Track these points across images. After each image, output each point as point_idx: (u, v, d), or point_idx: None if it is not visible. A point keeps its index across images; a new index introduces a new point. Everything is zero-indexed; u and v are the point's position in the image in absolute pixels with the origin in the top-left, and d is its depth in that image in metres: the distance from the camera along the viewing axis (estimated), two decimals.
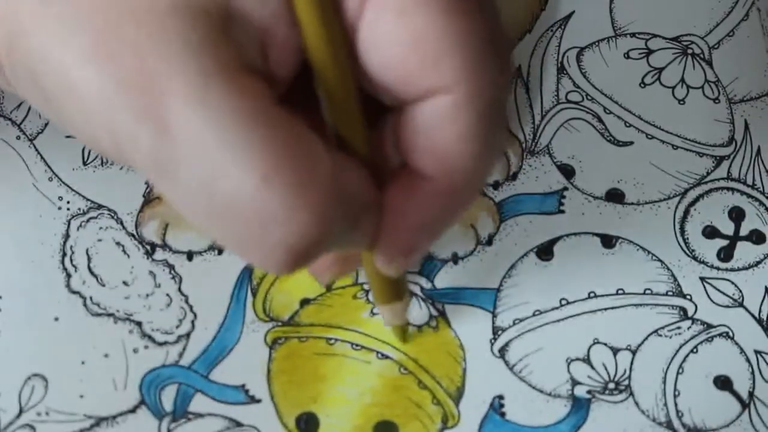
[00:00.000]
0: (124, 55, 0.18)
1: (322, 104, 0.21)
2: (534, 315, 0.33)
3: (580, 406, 0.32)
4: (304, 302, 0.33)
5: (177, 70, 0.18)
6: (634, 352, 0.33)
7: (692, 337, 0.33)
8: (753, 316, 0.33)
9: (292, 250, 0.20)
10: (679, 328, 0.33)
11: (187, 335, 0.32)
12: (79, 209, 0.33)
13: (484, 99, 0.20)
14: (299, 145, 0.19)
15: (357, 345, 0.32)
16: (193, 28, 0.18)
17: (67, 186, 0.33)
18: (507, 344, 0.33)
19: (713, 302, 0.34)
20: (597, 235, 0.34)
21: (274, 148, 0.19)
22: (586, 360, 0.32)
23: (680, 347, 0.33)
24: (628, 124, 0.36)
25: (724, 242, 0.35)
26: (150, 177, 0.20)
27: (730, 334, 0.33)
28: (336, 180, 0.20)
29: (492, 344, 0.33)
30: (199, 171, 0.19)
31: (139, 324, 0.32)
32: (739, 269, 0.34)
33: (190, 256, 0.33)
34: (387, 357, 0.32)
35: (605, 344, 0.33)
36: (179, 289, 0.33)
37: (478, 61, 0.20)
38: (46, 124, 0.34)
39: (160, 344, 0.32)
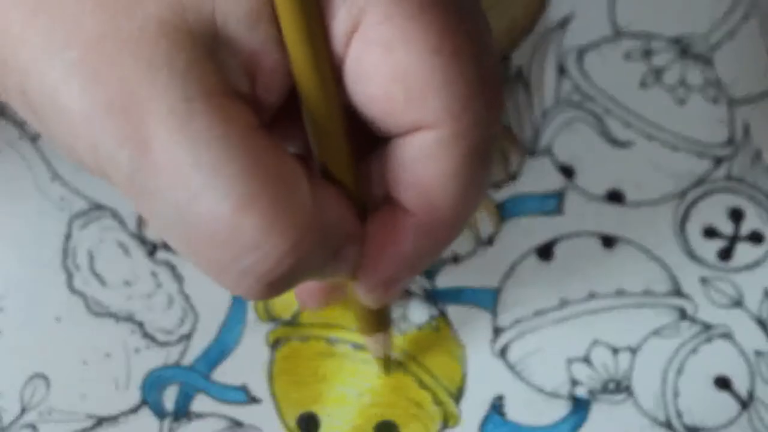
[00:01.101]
0: (108, 74, 0.18)
1: (308, 132, 0.21)
2: (534, 315, 0.33)
3: (580, 406, 0.32)
4: None
5: (159, 94, 0.18)
6: (634, 352, 0.33)
7: (692, 338, 0.33)
8: (753, 316, 0.33)
9: (264, 277, 0.20)
10: (679, 328, 0.33)
11: (189, 335, 0.32)
12: (81, 209, 0.33)
13: (470, 137, 0.20)
14: (278, 172, 0.19)
15: (358, 345, 0.32)
16: (178, 52, 0.18)
17: (69, 186, 0.33)
18: (507, 344, 0.33)
19: (713, 302, 0.34)
20: (597, 235, 0.34)
21: (251, 174, 0.19)
22: (586, 360, 0.33)
23: (680, 347, 0.33)
24: (628, 125, 0.36)
25: (724, 242, 0.35)
26: (128, 195, 0.20)
27: (730, 334, 0.33)
28: (315, 209, 0.20)
29: (492, 344, 0.33)
30: (176, 194, 0.19)
31: (140, 324, 0.32)
32: (739, 269, 0.34)
33: None
34: None
35: (605, 344, 0.33)
36: (181, 290, 0.33)
37: (465, 100, 0.20)
38: None
39: (162, 344, 0.32)
